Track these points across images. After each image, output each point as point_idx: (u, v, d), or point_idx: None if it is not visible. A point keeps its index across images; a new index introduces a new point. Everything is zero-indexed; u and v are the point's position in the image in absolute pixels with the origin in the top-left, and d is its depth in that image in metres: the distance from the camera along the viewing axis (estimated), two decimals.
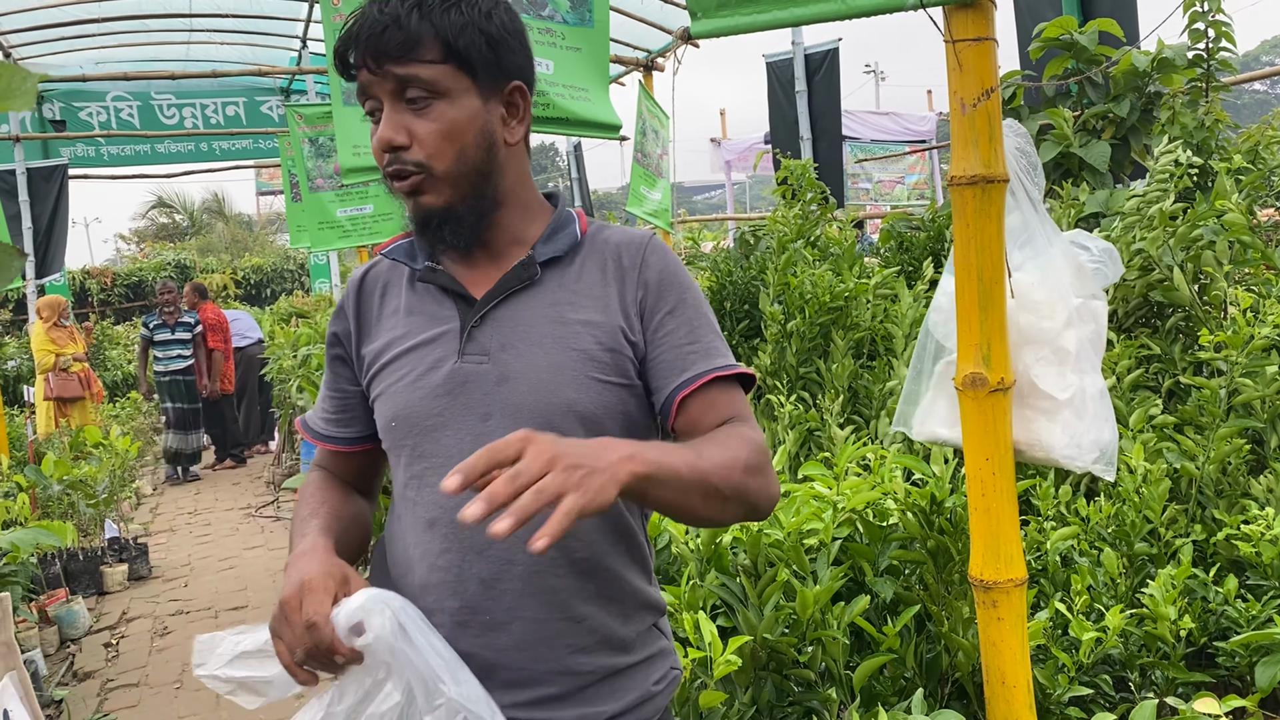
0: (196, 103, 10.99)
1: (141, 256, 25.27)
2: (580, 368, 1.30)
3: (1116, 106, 4.02)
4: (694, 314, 1.35)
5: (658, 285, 1.35)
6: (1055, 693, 2.12)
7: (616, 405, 1.32)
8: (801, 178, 4.37)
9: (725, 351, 1.35)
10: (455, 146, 1.27)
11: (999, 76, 1.83)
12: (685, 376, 1.30)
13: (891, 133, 14.04)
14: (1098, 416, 1.92)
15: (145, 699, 4.52)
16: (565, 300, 1.33)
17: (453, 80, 1.26)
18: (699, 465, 1.17)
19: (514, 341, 1.31)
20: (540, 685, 1.29)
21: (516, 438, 1.03)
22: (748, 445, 1.25)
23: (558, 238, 1.37)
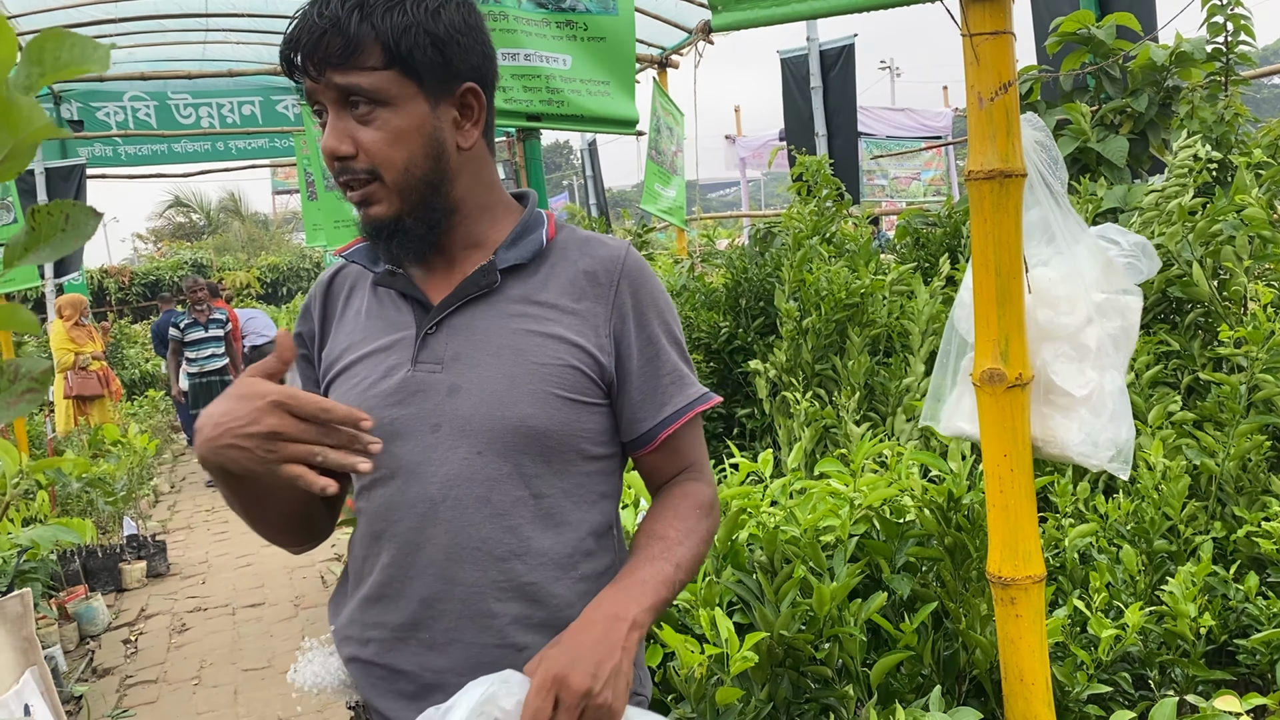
0: (213, 102, 11.04)
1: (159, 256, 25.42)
2: (539, 382, 1.24)
3: (1134, 101, 3.99)
4: (669, 339, 1.34)
5: (634, 309, 1.31)
6: (1074, 690, 2.10)
7: (574, 424, 1.27)
8: (817, 174, 4.36)
9: (692, 375, 1.37)
10: (403, 155, 1.22)
11: (1016, 70, 1.81)
12: (665, 414, 1.33)
13: (907, 129, 14.00)
14: (1116, 414, 1.90)
15: (164, 695, 4.55)
16: (528, 311, 1.27)
17: (397, 87, 1.20)
18: (678, 577, 1.24)
19: (469, 351, 1.26)
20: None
21: (541, 691, 1.08)
22: (705, 514, 1.34)
23: (522, 243, 1.31)
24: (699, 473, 1.38)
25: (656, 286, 1.35)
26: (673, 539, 1.27)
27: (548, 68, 4.14)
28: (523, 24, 4.00)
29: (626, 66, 4.53)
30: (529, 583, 1.24)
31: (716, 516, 1.37)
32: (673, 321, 1.36)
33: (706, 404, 1.36)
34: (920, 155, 15.00)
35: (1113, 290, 1.94)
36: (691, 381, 1.36)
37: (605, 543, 1.32)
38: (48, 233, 0.58)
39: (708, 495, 1.35)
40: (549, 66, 4.16)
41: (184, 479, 9.92)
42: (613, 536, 1.34)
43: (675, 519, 1.30)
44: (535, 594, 1.24)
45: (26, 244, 0.58)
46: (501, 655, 1.23)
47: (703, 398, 1.36)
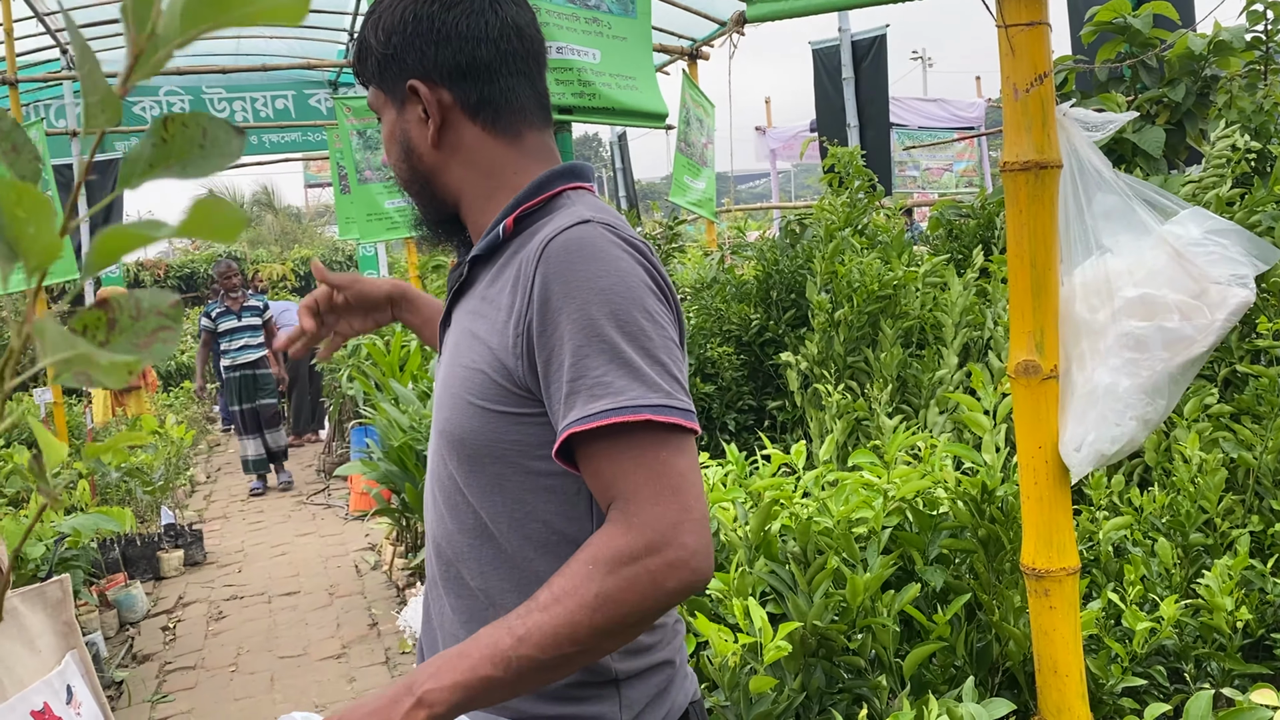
0: (246, 96, 11.14)
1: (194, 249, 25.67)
2: (458, 387, 1.20)
3: (1171, 91, 3.95)
4: (583, 338, 1.08)
5: (543, 301, 1.11)
6: (1108, 683, 2.10)
7: (491, 433, 1.16)
8: (849, 165, 4.35)
9: (621, 383, 1.07)
10: (392, 160, 1.32)
11: (1052, 61, 1.81)
12: (559, 428, 1.09)
13: (939, 119, 13.89)
14: (1102, 419, 1.81)
15: (202, 681, 4.63)
16: (475, 309, 1.24)
17: (377, 99, 1.31)
18: (519, 652, 1.01)
19: (447, 348, 1.30)
20: None
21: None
22: (603, 571, 1.02)
23: (488, 235, 1.25)
24: (622, 512, 1.05)
25: (589, 269, 1.11)
26: (535, 604, 1.03)
27: (579, 60, 4.15)
28: (555, 17, 4.02)
29: (648, 66, 4.55)
30: (478, 587, 1.23)
31: (631, 574, 1.02)
32: (606, 315, 1.09)
33: (619, 417, 1.05)
34: (953, 146, 14.89)
35: (1185, 284, 1.82)
36: (609, 390, 1.06)
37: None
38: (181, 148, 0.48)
39: (615, 546, 1.03)
40: (580, 60, 4.17)
41: (219, 469, 10.05)
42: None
43: (556, 577, 1.05)
44: (488, 598, 1.22)
45: (152, 159, 0.47)
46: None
47: (610, 411, 1.05)
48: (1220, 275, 1.83)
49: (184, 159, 0.48)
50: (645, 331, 1.10)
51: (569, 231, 1.13)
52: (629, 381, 1.07)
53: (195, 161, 0.48)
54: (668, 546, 1.03)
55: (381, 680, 4.40)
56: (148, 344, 0.47)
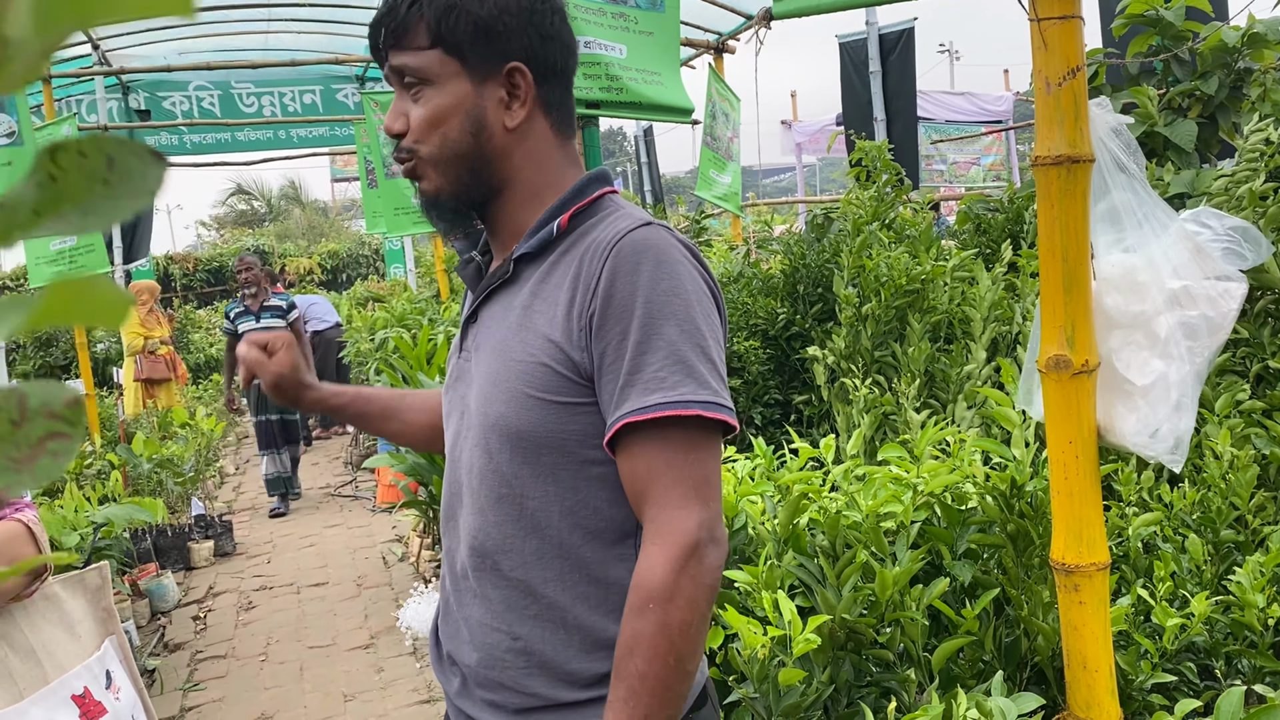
0: (275, 91, 11.23)
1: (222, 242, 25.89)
2: (514, 380, 1.22)
3: (1204, 84, 3.92)
4: (645, 334, 1.15)
5: (608, 297, 1.16)
6: (1137, 679, 2.09)
7: (551, 425, 1.20)
8: (876, 159, 4.34)
9: (675, 379, 1.14)
10: (439, 130, 1.25)
11: (1084, 55, 1.80)
12: (611, 419, 1.16)
13: (967, 113, 13.81)
14: (1180, 405, 1.87)
15: (232, 670, 4.68)
16: (527, 304, 1.26)
17: (441, 66, 1.24)
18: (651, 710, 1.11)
19: (484, 343, 1.30)
20: (486, 689, 1.29)
21: None
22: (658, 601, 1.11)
23: (539, 233, 1.28)
24: (654, 523, 1.14)
25: (656, 270, 1.17)
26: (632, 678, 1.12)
27: (606, 55, 4.16)
28: (583, 12, 4.03)
29: (673, 62, 4.56)
30: (518, 579, 1.25)
31: (685, 591, 1.12)
32: (667, 314, 1.16)
33: (662, 411, 1.12)
34: (980, 140, 14.79)
35: (1203, 277, 1.89)
36: (663, 385, 1.13)
37: (618, 551, 1.24)
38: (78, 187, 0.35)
39: (660, 576, 1.12)
40: (607, 54, 4.18)
41: (248, 461, 10.14)
42: (634, 546, 1.24)
43: (629, 636, 1.13)
44: (526, 589, 1.25)
45: (38, 204, 0.35)
46: (500, 639, 1.27)
47: (663, 404, 1.12)
48: (1230, 268, 1.90)
49: (83, 201, 0.35)
50: (700, 332, 1.17)
51: (637, 232, 1.20)
52: (682, 378, 1.14)
53: (99, 204, 0.35)
54: (700, 548, 1.13)
55: (409, 671, 4.44)
56: (30, 459, 0.35)
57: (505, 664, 1.26)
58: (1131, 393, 1.88)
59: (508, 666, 1.26)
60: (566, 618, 1.24)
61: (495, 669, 1.27)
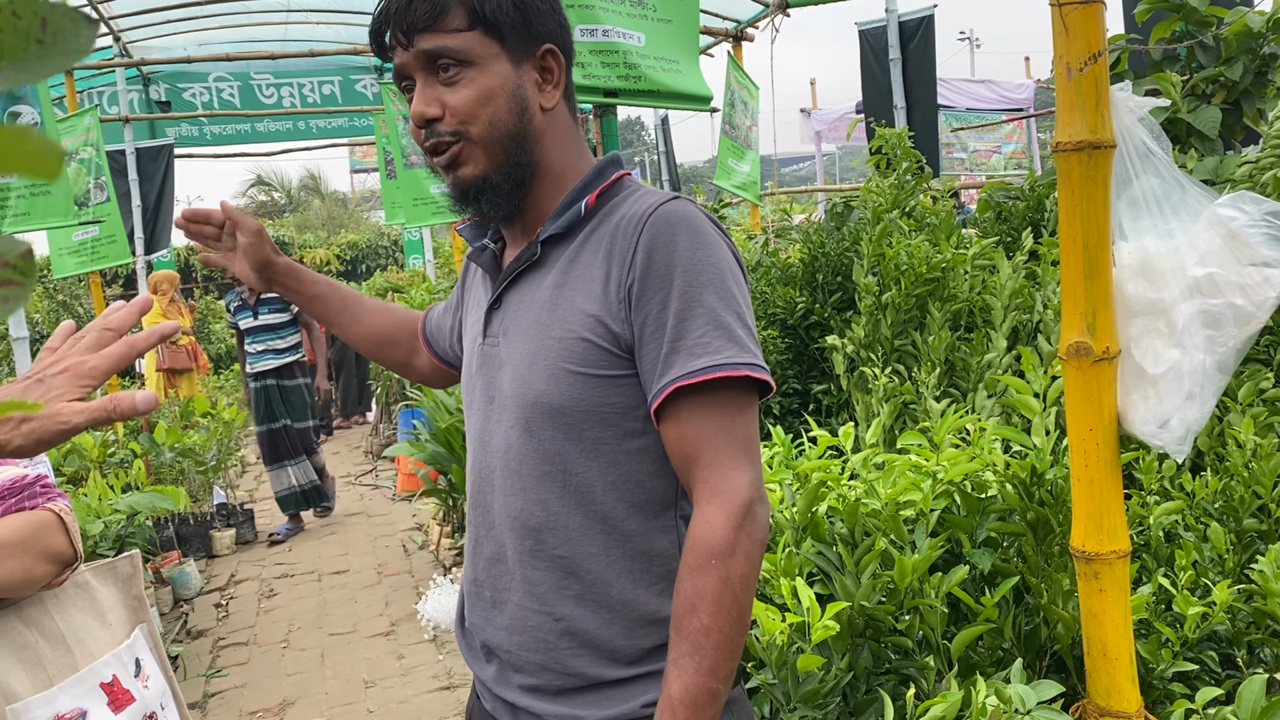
0: (294, 82, 11.27)
1: None
2: (553, 358, 1.24)
3: (1228, 70, 3.87)
4: (690, 300, 1.18)
5: (646, 267, 1.19)
6: (1158, 667, 2.09)
7: (593, 398, 1.23)
8: (897, 147, 4.31)
9: (719, 344, 1.17)
10: (488, 111, 1.25)
11: (1106, 40, 1.79)
12: (659, 385, 1.19)
13: (988, 101, 13.72)
14: (1191, 396, 1.84)
15: (254, 657, 4.72)
16: (559, 284, 1.27)
17: (482, 47, 1.24)
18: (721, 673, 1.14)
19: (513, 326, 1.30)
20: (527, 673, 1.29)
21: None
22: (719, 557, 1.13)
23: (565, 213, 1.30)
24: (708, 484, 1.17)
25: (691, 240, 1.20)
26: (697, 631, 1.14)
27: (624, 43, 4.15)
28: (600, 0, 4.02)
29: (692, 48, 4.54)
30: (561, 555, 1.26)
31: (744, 547, 1.15)
32: (704, 282, 1.19)
33: (712, 374, 1.16)
34: (1001, 128, 14.69)
35: (1238, 264, 1.86)
36: (708, 350, 1.17)
37: (662, 522, 1.27)
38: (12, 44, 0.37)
39: (720, 533, 1.14)
40: (625, 42, 4.18)
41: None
42: (676, 516, 1.28)
43: (690, 590, 1.15)
44: (569, 567, 1.25)
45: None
46: (542, 621, 1.28)
47: (711, 367, 1.16)
48: (1270, 255, 1.85)
49: (17, 57, 0.38)
50: (736, 299, 1.22)
51: (668, 206, 1.23)
52: (725, 342, 1.18)
53: (32, 60, 0.38)
54: (753, 505, 1.17)
55: (429, 658, 4.47)
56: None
57: (549, 646, 1.27)
58: (1145, 381, 1.87)
59: (551, 648, 1.27)
60: (611, 593, 1.25)
61: (538, 652, 1.28)
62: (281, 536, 6.73)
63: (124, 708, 1.55)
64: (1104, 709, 1.86)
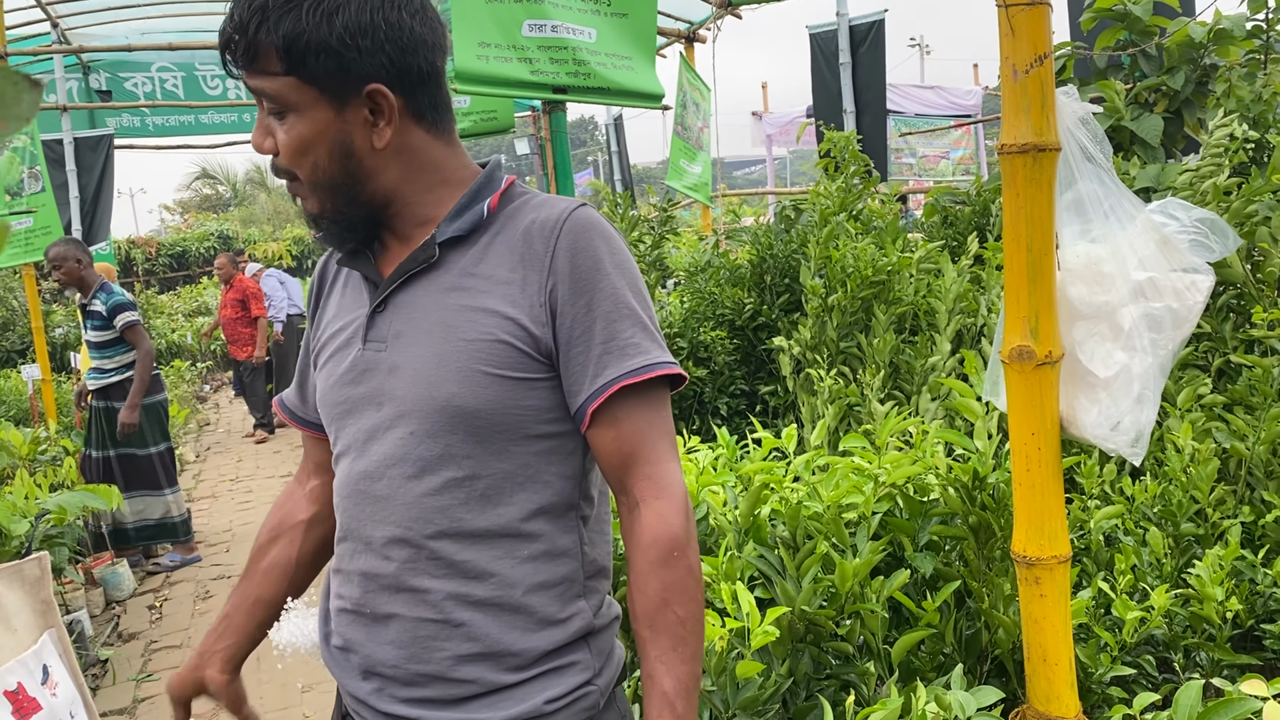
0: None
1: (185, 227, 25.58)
2: (466, 360, 1.21)
3: (1170, 79, 3.93)
4: (613, 303, 1.22)
5: (568, 272, 1.21)
6: (1097, 672, 2.09)
7: (507, 401, 1.21)
8: (845, 150, 4.32)
9: (647, 345, 1.22)
10: (309, 160, 1.22)
11: (1052, 43, 1.78)
12: (595, 386, 1.20)
13: (936, 107, 13.86)
14: (1142, 397, 1.86)
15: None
16: (464, 285, 1.24)
17: (298, 94, 1.19)
18: (698, 662, 1.20)
19: (407, 329, 1.26)
20: (417, 686, 1.25)
21: None
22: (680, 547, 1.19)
23: (464, 215, 1.27)
24: (651, 479, 1.21)
25: (607, 246, 1.24)
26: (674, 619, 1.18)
27: (574, 39, 4.11)
28: None
29: (648, 43, 4.51)
30: (462, 561, 1.22)
31: (695, 534, 1.22)
32: (624, 284, 1.23)
33: (651, 373, 1.20)
34: (949, 134, 14.86)
35: (1170, 269, 1.87)
36: (639, 350, 1.21)
37: (565, 523, 1.27)
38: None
39: (676, 525, 1.20)
40: (575, 38, 4.13)
41: (208, 449, 10.02)
42: (577, 516, 1.28)
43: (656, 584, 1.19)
44: (472, 572, 1.23)
45: None
46: (438, 630, 1.23)
47: (647, 367, 1.21)
48: (1198, 260, 1.88)
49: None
50: (649, 302, 1.27)
51: (580, 213, 1.25)
52: (651, 343, 1.23)
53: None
54: (688, 496, 1.24)
55: None
56: None
57: (443, 655, 1.23)
58: (1094, 385, 1.87)
59: (446, 657, 1.23)
60: (514, 596, 1.23)
61: (429, 664, 1.23)
62: (173, 564, 6.01)
63: (30, 716, 1.48)
64: (1043, 714, 1.86)
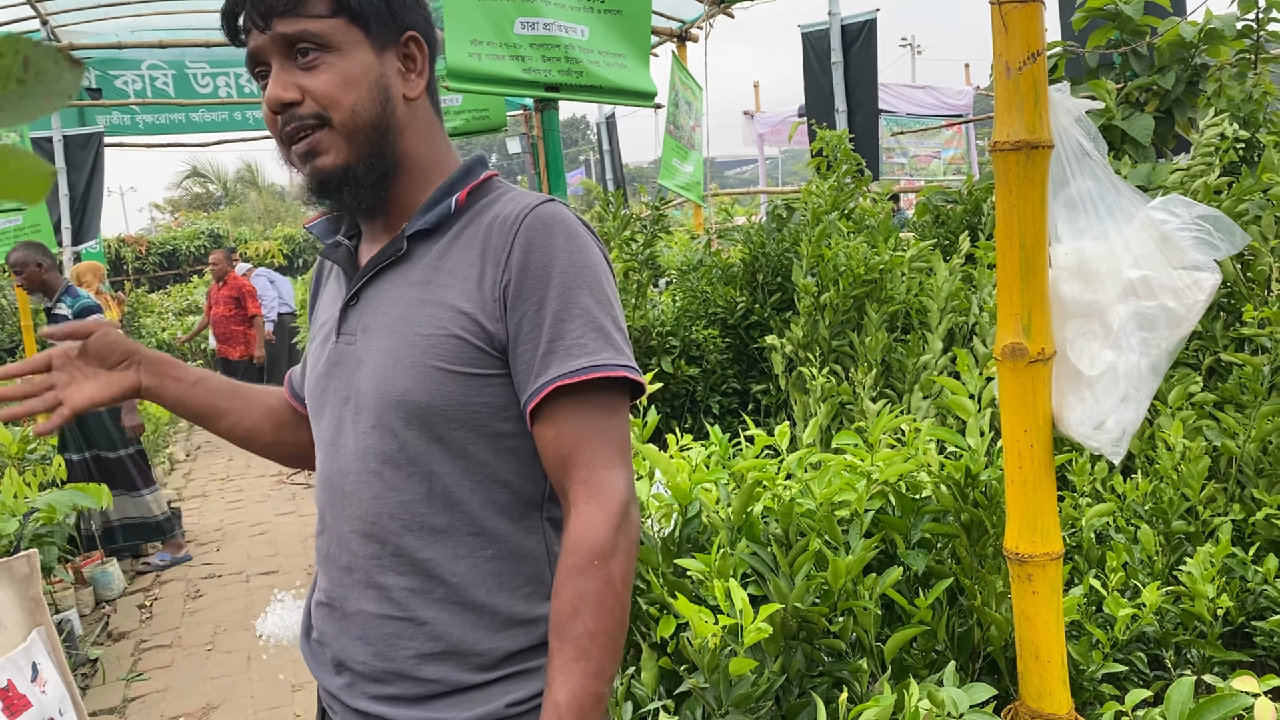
0: (230, 71, 11.00)
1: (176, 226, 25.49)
2: (420, 355, 1.20)
3: (1161, 78, 3.94)
4: (562, 303, 1.18)
5: (522, 268, 1.18)
6: (1089, 669, 2.09)
7: (462, 397, 1.19)
8: (837, 149, 4.32)
9: (595, 346, 1.18)
10: (350, 98, 1.20)
11: (1045, 40, 1.78)
12: (536, 385, 1.18)
13: (928, 106, 13.89)
14: (1126, 398, 1.85)
15: (178, 659, 4.59)
16: (427, 280, 1.24)
17: (344, 34, 1.20)
18: (606, 676, 1.13)
19: (372, 323, 1.26)
20: (383, 683, 1.25)
21: None
22: (602, 558, 1.14)
23: (434, 209, 1.27)
24: (585, 485, 1.17)
25: (567, 243, 1.20)
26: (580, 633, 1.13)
27: (567, 37, 4.10)
28: None
29: (642, 40, 4.50)
30: (424, 559, 1.22)
31: (623, 547, 1.16)
32: (581, 284, 1.19)
33: (590, 374, 1.16)
34: (940, 134, 14.89)
35: (1170, 267, 1.87)
36: (584, 351, 1.17)
37: (528, 524, 1.25)
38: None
39: (601, 534, 1.14)
40: (568, 36, 4.12)
41: (199, 447, 9.98)
42: (543, 518, 1.26)
43: (571, 591, 1.14)
44: (433, 571, 1.22)
45: None
46: (401, 629, 1.23)
47: (589, 368, 1.16)
48: (1200, 259, 1.87)
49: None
50: (610, 301, 1.23)
51: (543, 208, 1.22)
52: (602, 344, 1.19)
53: (12, 99, 0.36)
54: (629, 506, 1.18)
55: None
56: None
57: (407, 653, 1.23)
58: (1081, 383, 1.87)
59: (410, 656, 1.22)
60: (477, 595, 1.22)
61: (394, 661, 1.23)
62: (162, 564, 6.04)
63: (19, 713, 1.47)
64: (1036, 711, 1.86)
